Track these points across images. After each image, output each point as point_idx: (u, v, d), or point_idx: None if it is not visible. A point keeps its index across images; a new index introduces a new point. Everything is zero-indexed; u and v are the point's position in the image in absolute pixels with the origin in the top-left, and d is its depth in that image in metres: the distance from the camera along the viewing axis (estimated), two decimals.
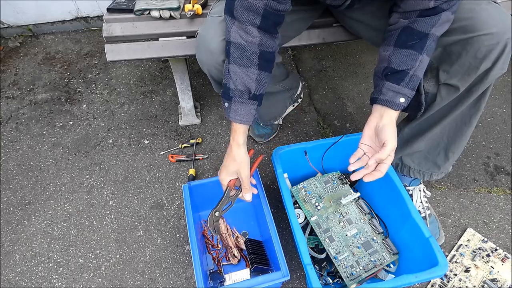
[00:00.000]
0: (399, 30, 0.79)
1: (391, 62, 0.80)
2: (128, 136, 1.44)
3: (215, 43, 0.85)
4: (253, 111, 0.86)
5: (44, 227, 1.17)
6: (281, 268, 0.86)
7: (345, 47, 1.84)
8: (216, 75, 0.92)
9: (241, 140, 0.87)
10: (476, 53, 0.76)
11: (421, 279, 0.80)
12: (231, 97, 0.83)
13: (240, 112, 0.84)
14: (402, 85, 0.79)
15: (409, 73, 0.78)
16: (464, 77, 0.81)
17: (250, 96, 0.84)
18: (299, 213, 1.06)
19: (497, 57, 0.76)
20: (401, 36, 0.79)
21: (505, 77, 1.67)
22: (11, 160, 1.36)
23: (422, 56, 0.78)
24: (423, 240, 0.87)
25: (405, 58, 0.78)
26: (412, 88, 0.79)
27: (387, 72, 0.80)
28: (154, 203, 1.23)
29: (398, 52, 0.79)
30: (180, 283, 1.05)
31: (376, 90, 0.83)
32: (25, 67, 1.75)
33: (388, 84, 0.80)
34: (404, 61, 0.79)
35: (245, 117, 0.85)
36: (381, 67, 0.83)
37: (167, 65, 1.74)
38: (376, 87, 0.84)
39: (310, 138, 1.42)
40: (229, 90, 0.83)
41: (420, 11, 0.76)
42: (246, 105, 0.84)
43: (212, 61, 0.88)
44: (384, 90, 0.80)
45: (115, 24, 1.07)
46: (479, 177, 1.29)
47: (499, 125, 1.47)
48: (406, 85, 0.79)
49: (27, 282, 1.05)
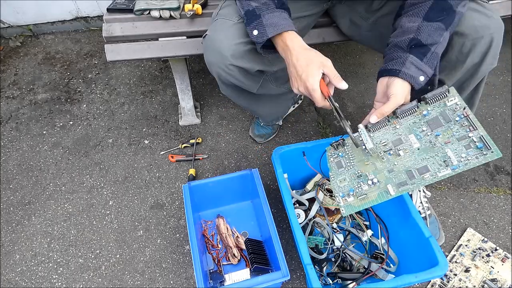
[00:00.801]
0: (431, 2, 0.75)
1: (420, 34, 0.74)
2: (128, 136, 1.44)
3: (225, 45, 0.84)
4: (288, 18, 0.79)
5: (44, 227, 1.17)
6: (281, 268, 0.86)
7: (345, 47, 1.84)
8: (225, 78, 0.91)
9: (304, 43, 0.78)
10: (461, 48, 0.78)
11: (421, 279, 0.80)
12: (258, 14, 0.78)
13: (275, 21, 0.77)
14: (425, 61, 0.74)
15: (431, 49, 0.74)
16: (450, 72, 0.82)
17: (276, 4, 0.79)
18: (299, 213, 1.06)
19: (485, 52, 0.77)
20: (432, 9, 0.74)
21: (505, 77, 1.67)
22: (11, 160, 1.36)
23: (447, 32, 0.74)
24: (423, 240, 0.87)
25: (433, 32, 0.73)
26: (431, 66, 0.75)
27: (413, 44, 0.74)
28: (154, 203, 1.23)
29: (428, 25, 0.74)
30: (180, 283, 1.05)
31: (395, 61, 0.75)
32: (25, 67, 1.75)
33: (412, 58, 0.74)
34: (431, 35, 0.74)
35: (284, 22, 0.78)
36: (406, 39, 0.75)
37: (167, 65, 1.74)
38: (394, 59, 0.76)
39: (310, 138, 1.42)
40: (254, 10, 0.79)
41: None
42: (277, 13, 0.78)
43: (221, 63, 0.87)
44: (407, 64, 0.74)
45: (115, 24, 1.07)
46: (479, 177, 1.29)
47: (499, 125, 1.47)
48: (427, 62, 0.74)
49: (27, 282, 1.05)
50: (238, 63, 0.86)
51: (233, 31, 0.85)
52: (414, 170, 0.73)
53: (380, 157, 0.78)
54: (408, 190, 0.73)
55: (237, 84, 0.94)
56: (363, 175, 0.79)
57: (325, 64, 0.75)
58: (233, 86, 0.97)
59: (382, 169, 0.77)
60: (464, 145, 0.70)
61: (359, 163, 0.81)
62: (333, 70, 0.76)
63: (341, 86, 0.76)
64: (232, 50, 0.84)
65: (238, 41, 0.84)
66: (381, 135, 0.80)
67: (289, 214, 0.91)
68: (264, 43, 0.79)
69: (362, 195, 0.77)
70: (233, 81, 0.92)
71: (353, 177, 0.81)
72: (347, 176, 0.81)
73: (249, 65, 0.89)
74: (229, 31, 0.85)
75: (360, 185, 0.78)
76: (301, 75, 0.76)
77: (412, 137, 0.76)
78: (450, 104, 0.74)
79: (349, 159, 0.83)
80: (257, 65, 0.91)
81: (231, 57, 0.85)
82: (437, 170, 0.71)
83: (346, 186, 0.80)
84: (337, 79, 0.76)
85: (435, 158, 0.72)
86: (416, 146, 0.75)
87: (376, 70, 1.75)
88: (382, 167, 0.78)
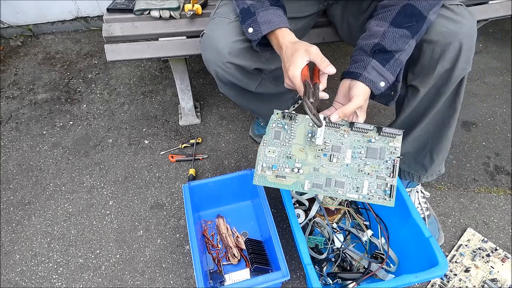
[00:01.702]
0: (399, 7, 0.75)
1: (384, 40, 0.74)
2: (128, 136, 1.44)
3: (223, 43, 0.85)
4: (283, 15, 0.80)
5: (44, 227, 1.17)
6: (281, 268, 0.86)
7: (345, 47, 1.84)
8: (222, 75, 0.92)
9: (294, 38, 0.78)
10: (432, 54, 0.79)
11: (421, 279, 0.80)
12: (253, 12, 0.79)
13: (269, 18, 0.78)
14: (387, 67, 0.75)
15: (395, 56, 0.75)
16: (424, 78, 0.84)
17: (271, 1, 0.80)
18: (299, 213, 1.06)
19: (455, 57, 0.78)
20: (400, 14, 0.75)
21: (505, 77, 1.67)
22: (11, 160, 1.36)
23: (413, 40, 0.75)
24: (423, 240, 0.87)
25: (398, 39, 0.74)
26: (393, 73, 0.76)
27: (377, 49, 0.75)
28: (154, 203, 1.23)
29: (394, 31, 0.74)
30: (180, 283, 1.05)
31: (357, 64, 0.76)
32: (25, 67, 1.75)
33: (375, 63, 0.75)
34: (396, 42, 0.74)
35: (278, 19, 0.77)
36: (370, 43, 0.76)
37: (167, 65, 1.74)
38: (357, 61, 0.77)
39: None
40: (248, 8, 0.79)
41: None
42: (272, 10, 0.79)
43: (219, 61, 0.87)
44: (369, 68, 0.74)
45: (115, 24, 1.07)
46: (479, 177, 1.29)
47: (499, 125, 1.47)
48: (389, 68, 0.75)
49: (27, 282, 1.05)
50: (235, 61, 0.87)
51: (230, 29, 0.85)
52: (333, 180, 0.79)
53: (316, 153, 0.80)
54: (318, 193, 0.81)
55: (235, 82, 0.95)
56: (292, 159, 0.80)
57: (309, 51, 0.74)
58: (231, 85, 0.97)
59: (310, 164, 0.80)
60: (377, 183, 0.79)
61: (295, 146, 0.80)
62: (318, 55, 0.74)
63: (329, 70, 0.74)
64: (229, 48, 0.85)
65: (235, 38, 0.84)
66: (328, 135, 0.80)
67: (289, 214, 0.91)
68: (260, 40, 0.80)
69: (281, 176, 0.78)
70: (231, 79, 0.92)
71: (282, 155, 0.80)
72: (277, 151, 0.80)
73: (246, 63, 0.89)
74: (226, 29, 0.86)
75: (285, 166, 0.79)
76: (286, 65, 0.75)
77: (349, 152, 0.80)
78: (391, 145, 0.80)
79: (289, 136, 0.81)
80: (254, 63, 0.91)
81: (228, 55, 0.85)
82: (348, 191, 0.79)
83: (271, 160, 0.79)
84: (324, 64, 0.74)
85: (353, 181, 0.80)
86: (347, 161, 0.80)
87: None
88: (312, 162, 0.80)
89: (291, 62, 0.74)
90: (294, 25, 0.99)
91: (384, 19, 0.77)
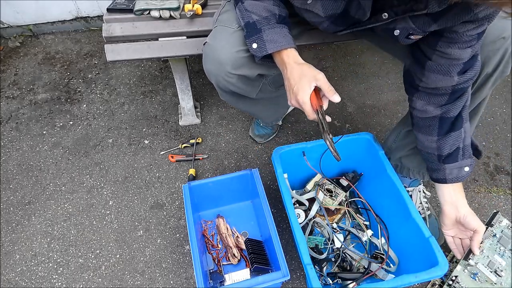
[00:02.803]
0: (437, 122, 0.83)
1: (442, 150, 0.85)
2: (128, 136, 1.44)
3: (225, 54, 0.83)
4: (288, 34, 0.79)
5: (44, 227, 1.17)
6: (281, 268, 0.86)
7: (345, 47, 1.84)
8: (224, 86, 0.90)
9: (300, 59, 0.79)
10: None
11: (421, 279, 0.80)
12: (259, 28, 0.78)
13: (275, 37, 0.77)
14: (460, 159, 0.85)
15: (460, 147, 0.84)
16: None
17: (277, 19, 0.79)
18: (299, 213, 1.06)
19: (498, 62, 0.77)
20: (441, 126, 0.83)
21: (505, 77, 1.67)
22: (11, 160, 1.36)
23: (464, 128, 0.83)
24: (423, 240, 0.87)
25: (452, 141, 0.83)
26: (469, 156, 0.86)
27: (443, 158, 0.86)
28: (154, 203, 1.23)
29: (444, 140, 0.84)
30: (180, 283, 1.05)
31: (438, 172, 0.88)
32: (25, 67, 1.75)
33: (449, 166, 0.86)
34: (453, 144, 0.84)
35: (284, 40, 0.78)
36: (433, 156, 0.87)
37: (167, 65, 1.74)
38: (435, 170, 0.89)
39: (310, 138, 1.42)
40: (254, 24, 0.78)
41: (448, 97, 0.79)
42: (278, 29, 0.78)
43: (221, 72, 0.86)
44: (447, 172, 0.86)
45: (115, 24, 1.07)
46: (479, 177, 1.29)
47: (499, 125, 1.47)
48: (462, 157, 0.85)
49: (27, 282, 1.05)
50: (238, 72, 0.85)
51: (233, 40, 0.84)
52: None
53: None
54: None
55: (237, 91, 0.94)
56: None
57: (317, 78, 0.76)
58: (232, 93, 0.96)
59: None
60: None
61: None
62: (326, 83, 0.76)
63: (334, 99, 0.76)
64: (232, 59, 0.83)
65: (238, 48, 0.83)
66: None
67: (289, 214, 0.91)
68: (265, 55, 0.80)
69: None
70: (233, 88, 0.91)
71: None
72: None
73: (249, 72, 0.88)
74: (229, 40, 0.84)
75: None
76: (293, 88, 0.77)
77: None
78: None
79: None
80: (257, 70, 0.90)
81: (231, 66, 0.84)
82: None
83: None
84: (330, 92, 0.76)
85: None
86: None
87: (376, 70, 1.75)
88: None
89: (299, 87, 0.76)
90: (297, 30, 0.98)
91: (430, 133, 0.86)
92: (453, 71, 0.75)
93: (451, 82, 0.76)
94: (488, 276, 0.89)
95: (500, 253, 0.93)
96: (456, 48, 0.71)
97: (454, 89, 0.78)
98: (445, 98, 0.80)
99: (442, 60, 0.75)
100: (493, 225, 0.96)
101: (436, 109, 0.82)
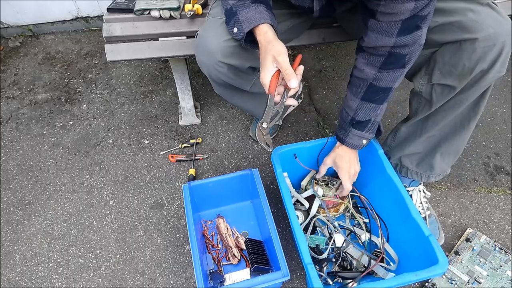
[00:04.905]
0: (366, 86, 0.88)
1: (357, 115, 0.92)
2: (128, 136, 1.44)
3: (215, 44, 0.85)
4: (264, 11, 0.78)
5: (44, 227, 1.17)
6: (281, 268, 0.86)
7: (345, 47, 1.84)
8: (216, 76, 0.92)
9: (270, 36, 0.76)
10: (471, 55, 0.76)
11: (421, 277, 0.80)
12: (235, 12, 0.78)
13: (250, 15, 0.77)
14: (365, 130, 0.94)
15: (371, 120, 0.92)
16: (459, 77, 0.81)
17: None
18: (299, 215, 1.06)
19: (494, 60, 0.76)
20: (367, 91, 0.88)
21: (505, 77, 1.67)
22: (11, 160, 1.36)
23: (383, 105, 0.90)
24: (423, 238, 0.87)
25: (369, 111, 0.90)
26: (372, 132, 0.95)
27: (354, 122, 0.94)
28: (154, 203, 1.23)
29: (364, 106, 0.90)
30: (180, 283, 1.05)
31: (343, 131, 0.97)
32: (25, 67, 1.75)
33: (354, 131, 0.95)
34: (368, 113, 0.91)
35: (259, 16, 0.76)
36: (348, 116, 0.95)
37: (167, 65, 1.74)
38: (342, 129, 0.98)
39: (310, 138, 1.42)
40: (231, 8, 0.79)
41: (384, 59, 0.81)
42: (253, 7, 0.77)
43: (211, 61, 0.88)
44: (350, 135, 0.96)
45: (115, 24, 1.07)
46: (479, 177, 1.29)
47: (499, 125, 1.47)
48: (368, 130, 0.94)
49: (27, 282, 1.05)
50: (227, 61, 0.87)
51: (222, 29, 0.86)
52: None
53: None
54: None
55: (229, 82, 0.95)
56: None
57: (276, 58, 0.72)
58: (226, 85, 0.97)
59: None
60: None
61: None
62: (284, 64, 0.72)
63: (290, 83, 0.72)
64: (221, 48, 0.85)
65: (226, 37, 0.85)
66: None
67: (289, 214, 0.91)
68: (248, 37, 0.79)
69: None
70: (224, 79, 0.93)
71: None
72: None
73: (239, 62, 0.89)
74: (218, 30, 0.86)
75: None
76: (261, 65, 0.77)
77: None
78: None
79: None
80: (247, 61, 0.91)
81: (220, 55, 0.86)
82: None
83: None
84: (287, 75, 0.71)
85: None
86: None
87: None
88: None
89: (262, 66, 0.76)
90: (290, 22, 0.99)
91: (355, 94, 0.91)
92: (392, 31, 0.75)
93: (389, 42, 0.77)
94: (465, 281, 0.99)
95: (480, 264, 1.03)
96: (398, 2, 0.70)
97: (391, 52, 0.79)
98: (382, 59, 0.81)
99: (383, 17, 0.74)
100: (471, 241, 1.07)
101: (371, 71, 0.85)
